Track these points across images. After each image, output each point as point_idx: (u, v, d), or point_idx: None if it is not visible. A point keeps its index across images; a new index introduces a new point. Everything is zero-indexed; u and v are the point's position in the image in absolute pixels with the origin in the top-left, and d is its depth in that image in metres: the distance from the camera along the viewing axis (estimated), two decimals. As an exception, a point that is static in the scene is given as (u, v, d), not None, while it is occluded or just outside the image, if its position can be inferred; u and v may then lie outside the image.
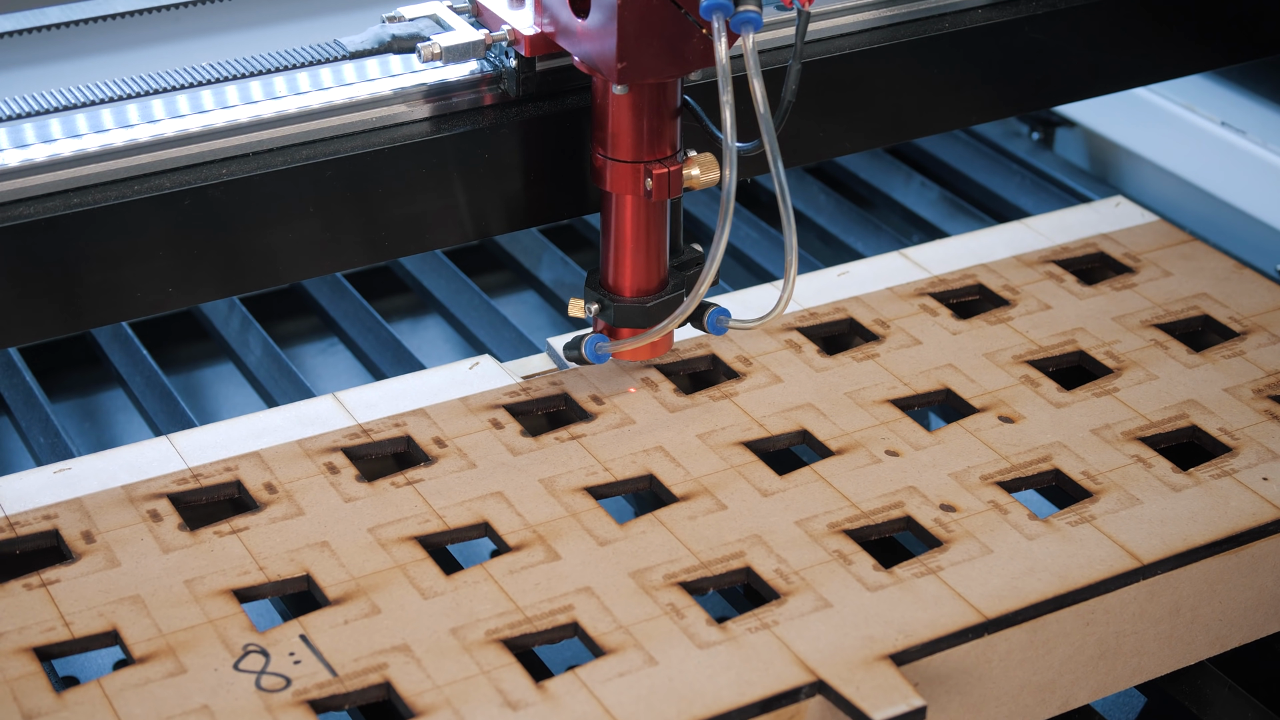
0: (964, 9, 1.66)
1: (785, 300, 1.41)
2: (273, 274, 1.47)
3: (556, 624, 1.31)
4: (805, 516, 1.41)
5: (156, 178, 1.40)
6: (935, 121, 1.70)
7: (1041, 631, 1.33)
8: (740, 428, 1.50)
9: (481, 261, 2.09)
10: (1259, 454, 1.48)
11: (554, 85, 1.51)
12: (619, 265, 1.50)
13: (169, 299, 1.43)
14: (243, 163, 1.42)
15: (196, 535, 1.38)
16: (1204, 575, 1.38)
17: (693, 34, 1.37)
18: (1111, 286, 1.69)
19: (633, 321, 1.51)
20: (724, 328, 1.51)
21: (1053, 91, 1.76)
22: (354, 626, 1.30)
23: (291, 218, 1.44)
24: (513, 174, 1.50)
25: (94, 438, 1.87)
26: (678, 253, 1.52)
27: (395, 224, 1.48)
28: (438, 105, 1.49)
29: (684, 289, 1.52)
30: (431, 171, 1.47)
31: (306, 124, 1.45)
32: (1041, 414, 1.52)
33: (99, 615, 1.31)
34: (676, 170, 1.44)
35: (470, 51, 1.47)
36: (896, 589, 1.34)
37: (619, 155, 1.45)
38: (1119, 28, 1.72)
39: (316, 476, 1.44)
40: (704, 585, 1.35)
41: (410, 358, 1.81)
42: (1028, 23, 1.66)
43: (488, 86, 1.50)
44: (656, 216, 1.48)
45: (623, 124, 1.43)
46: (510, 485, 1.44)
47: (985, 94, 1.70)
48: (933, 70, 1.65)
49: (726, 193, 1.36)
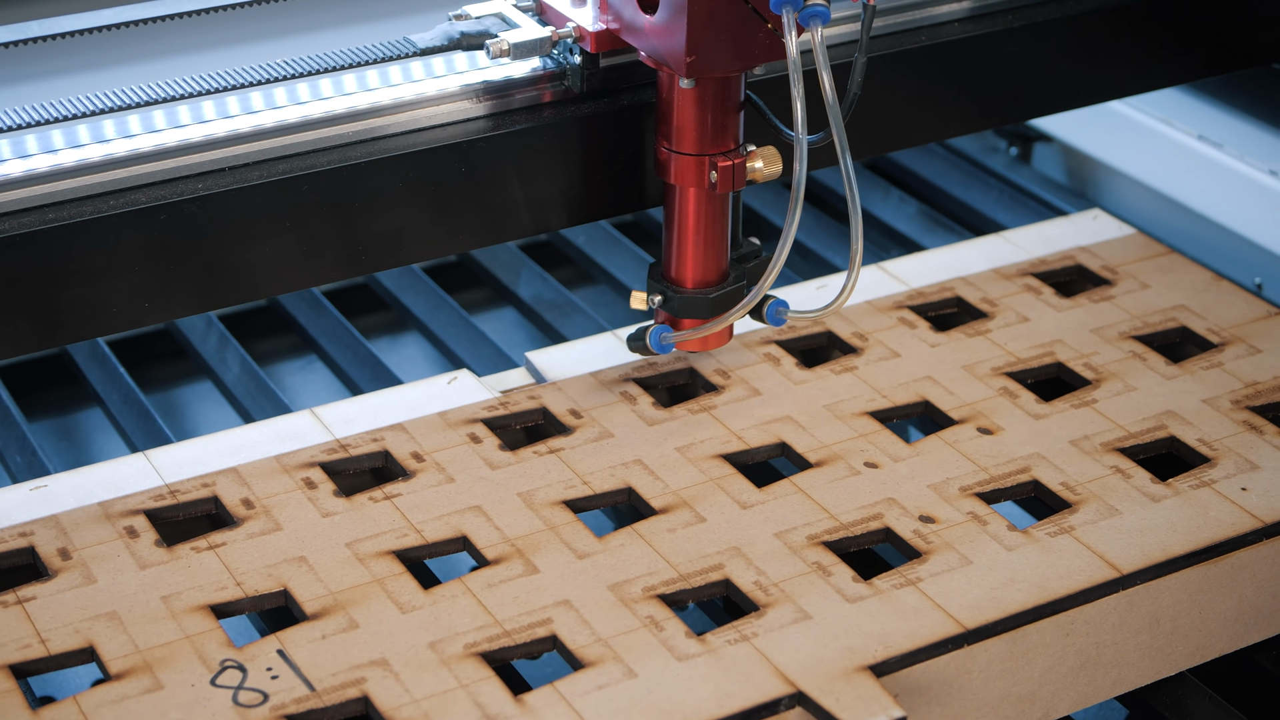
0: (940, 23, 1.66)
1: (849, 289, 1.43)
2: (260, 289, 1.48)
3: (535, 637, 1.30)
4: (784, 529, 1.40)
5: (132, 193, 1.40)
6: (912, 135, 1.71)
7: (1021, 642, 1.33)
8: (719, 441, 1.50)
9: (460, 278, 2.09)
10: (1237, 464, 1.48)
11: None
12: (682, 257, 1.52)
13: (146, 314, 1.43)
14: (229, 175, 1.43)
15: (173, 551, 1.38)
16: (1184, 586, 1.38)
17: (759, 28, 1.39)
18: (1090, 299, 1.69)
19: (695, 312, 1.52)
20: (783, 319, 1.52)
21: (1029, 105, 1.77)
22: (332, 641, 1.29)
23: (278, 232, 1.45)
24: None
25: (71, 456, 1.87)
26: (736, 246, 1.54)
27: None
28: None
29: (744, 281, 1.53)
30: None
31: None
32: (1020, 425, 1.52)
33: (75, 632, 1.30)
34: (741, 163, 1.46)
35: (537, 48, 1.50)
36: (876, 600, 1.34)
37: (684, 148, 1.47)
38: (1095, 41, 1.73)
39: (294, 492, 1.44)
40: (683, 598, 1.35)
41: (389, 374, 1.80)
42: (1004, 36, 1.67)
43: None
44: (719, 209, 1.50)
45: (688, 118, 1.45)
46: (489, 499, 1.43)
47: (962, 107, 1.70)
48: (909, 84, 1.65)
49: (797, 185, 1.39)
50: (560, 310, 1.92)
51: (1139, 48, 1.76)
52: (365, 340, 1.86)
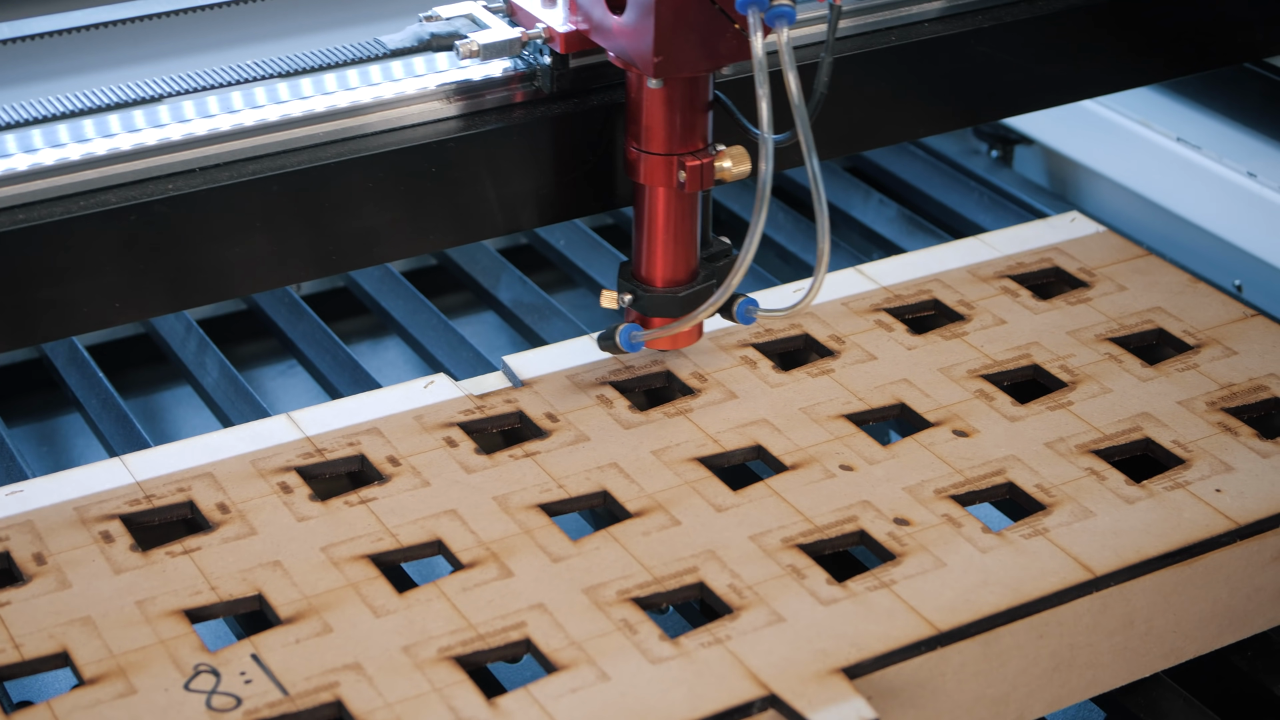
0: (911, 23, 1.68)
1: (817, 288, 1.45)
2: (230, 288, 1.48)
3: (509, 641, 1.30)
4: (759, 531, 1.40)
5: (102, 193, 1.40)
6: (883, 134, 1.72)
7: (995, 644, 1.33)
8: (695, 444, 1.50)
9: (440, 282, 2.09)
10: (1212, 466, 1.48)
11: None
12: (651, 256, 1.53)
13: (117, 314, 1.43)
14: (199, 175, 1.44)
15: (148, 556, 1.38)
16: (1157, 587, 1.39)
17: (726, 29, 1.41)
18: (1066, 301, 1.70)
19: (665, 311, 1.53)
20: (753, 318, 1.54)
21: (1000, 105, 1.78)
22: (305, 645, 1.29)
23: (249, 232, 1.45)
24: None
25: (51, 461, 1.87)
26: (707, 244, 1.55)
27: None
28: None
29: (714, 279, 1.54)
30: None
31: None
32: (996, 428, 1.52)
33: (49, 637, 1.30)
34: (709, 163, 1.48)
35: (507, 49, 1.51)
36: (849, 603, 1.34)
37: (653, 148, 1.48)
38: (1065, 41, 1.74)
39: (270, 496, 1.44)
40: (657, 601, 1.35)
41: (369, 379, 1.80)
42: (974, 36, 1.68)
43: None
44: (688, 208, 1.51)
45: (657, 118, 1.47)
46: (464, 503, 1.43)
47: (933, 107, 1.71)
48: (880, 84, 1.66)
49: (762, 184, 1.40)
50: (540, 314, 1.93)
51: (1109, 48, 1.78)
52: (345, 345, 1.86)
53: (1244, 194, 2.01)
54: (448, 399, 1.55)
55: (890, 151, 2.24)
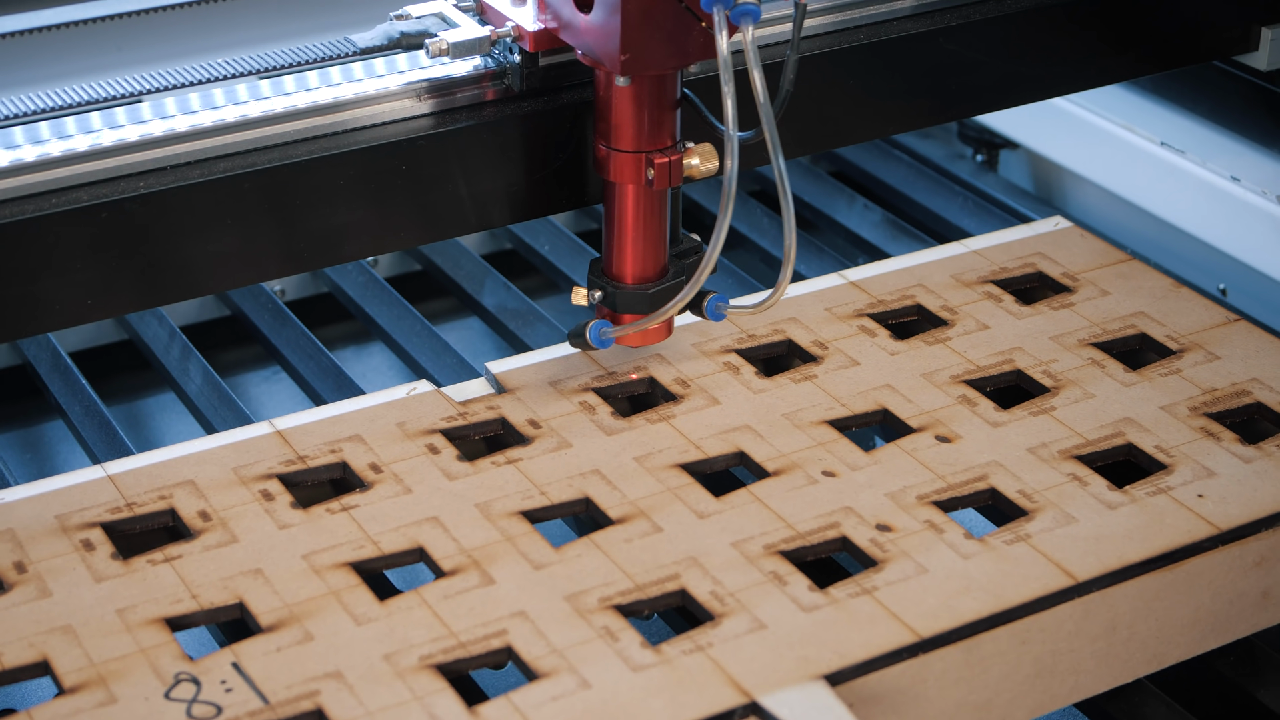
0: (880, 21, 1.69)
1: (783, 285, 1.46)
2: (201, 285, 1.49)
3: (490, 649, 1.30)
4: (741, 538, 1.40)
5: (74, 191, 1.41)
6: (854, 132, 1.74)
7: (977, 650, 1.33)
8: (677, 450, 1.50)
9: (424, 288, 2.09)
10: (1194, 471, 1.48)
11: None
12: (621, 253, 1.54)
13: (88, 311, 1.44)
14: (171, 173, 1.44)
15: (129, 564, 1.37)
16: (1140, 593, 1.38)
17: (693, 27, 1.42)
18: (1050, 306, 1.70)
19: (635, 308, 1.54)
20: (723, 314, 1.55)
21: (969, 103, 1.80)
22: (286, 654, 1.29)
23: (220, 229, 1.46)
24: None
25: (34, 469, 1.86)
26: (676, 241, 1.56)
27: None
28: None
29: (683, 276, 1.55)
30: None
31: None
32: (978, 433, 1.52)
33: (30, 646, 1.30)
34: (677, 160, 1.49)
35: (476, 48, 1.52)
36: (831, 609, 1.34)
37: (621, 146, 1.49)
38: (1033, 39, 1.75)
39: (251, 504, 1.44)
40: (639, 608, 1.35)
41: (353, 385, 1.80)
42: (942, 34, 1.70)
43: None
44: (658, 205, 1.52)
45: (625, 115, 1.48)
46: (446, 510, 1.43)
47: (903, 105, 1.73)
48: (851, 81, 1.68)
49: (728, 181, 1.42)
50: (524, 319, 1.92)
51: (1078, 46, 1.79)
52: (329, 351, 1.86)
53: (1228, 198, 2.01)
54: (430, 405, 1.55)
55: (874, 155, 2.25)
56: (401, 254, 2.11)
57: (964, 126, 2.28)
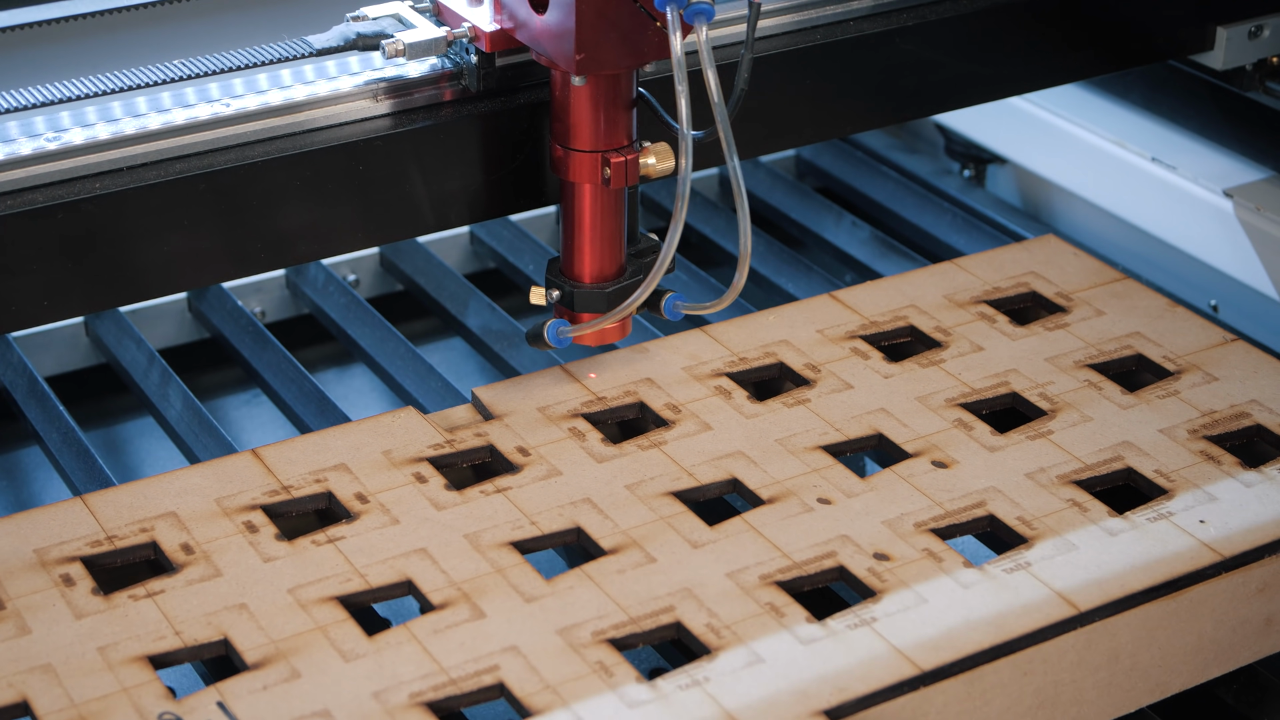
0: (837, 21, 1.69)
1: (739, 284, 1.48)
2: (158, 286, 1.49)
3: (482, 685, 1.27)
4: (736, 568, 1.38)
5: (29, 193, 1.41)
6: (811, 131, 1.74)
7: (979, 683, 1.30)
8: (669, 477, 1.47)
9: (407, 308, 2.06)
10: (1195, 496, 1.46)
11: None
12: (579, 252, 1.54)
13: (44, 313, 1.44)
14: (127, 174, 1.44)
15: (111, 600, 1.34)
16: (1142, 622, 1.36)
17: (648, 26, 1.43)
18: (1044, 326, 1.67)
19: (593, 307, 1.54)
20: (680, 313, 1.56)
21: (925, 102, 1.80)
22: (273, 692, 1.26)
23: (176, 230, 1.46)
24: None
25: (11, 497, 1.83)
26: (634, 241, 1.56)
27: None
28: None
29: (641, 276, 1.55)
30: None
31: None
32: (975, 458, 1.50)
33: (9, 686, 1.26)
34: (633, 159, 1.50)
35: (433, 48, 1.52)
36: (830, 642, 1.31)
37: (578, 145, 1.50)
38: (990, 39, 1.76)
39: (235, 536, 1.40)
40: (633, 642, 1.32)
41: (335, 409, 1.77)
42: (898, 34, 1.70)
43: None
44: (614, 205, 1.53)
45: (581, 115, 1.49)
46: (434, 541, 1.40)
47: (860, 105, 1.73)
48: (808, 81, 1.68)
49: (683, 180, 1.43)
50: (509, 341, 1.89)
51: (1033, 45, 1.80)
52: (310, 374, 1.83)
53: (1219, 214, 1.99)
54: (416, 433, 1.52)
55: (861, 171, 2.22)
56: (383, 274, 2.07)
57: (951, 142, 2.25)
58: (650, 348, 1.63)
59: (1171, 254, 2.05)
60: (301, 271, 2.01)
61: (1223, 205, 1.98)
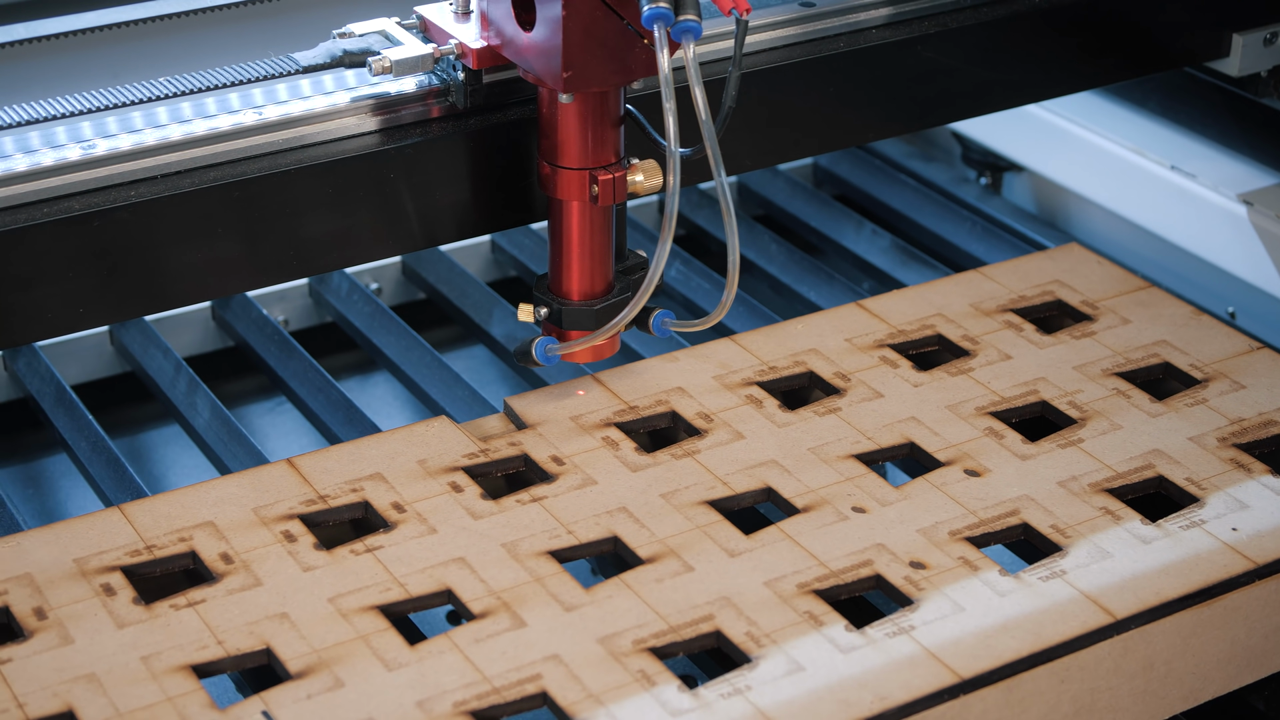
0: (858, 29, 1.71)
1: (727, 302, 1.47)
2: (186, 294, 1.51)
3: (525, 694, 1.28)
4: (774, 577, 1.38)
5: (65, 200, 1.42)
6: (831, 140, 1.75)
7: (1017, 690, 1.31)
8: (704, 486, 1.48)
9: (430, 317, 2.06)
10: (1227, 504, 1.47)
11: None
12: (567, 270, 1.54)
13: (82, 319, 1.45)
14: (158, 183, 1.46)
15: (152, 609, 1.34)
16: (1177, 629, 1.37)
17: (635, 44, 1.43)
18: (1071, 335, 1.68)
19: (581, 324, 1.55)
20: (668, 330, 1.56)
21: (948, 109, 1.81)
22: (317, 701, 1.27)
23: (208, 238, 1.47)
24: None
25: (38, 505, 1.83)
26: (622, 258, 1.57)
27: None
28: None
29: (629, 293, 1.56)
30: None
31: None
32: (1007, 467, 1.51)
33: (54, 695, 1.27)
34: (621, 176, 1.50)
35: (419, 65, 1.52)
36: (869, 650, 1.32)
37: (566, 163, 1.50)
38: (1009, 46, 1.77)
39: (273, 545, 1.41)
40: (673, 650, 1.33)
41: (361, 417, 1.77)
42: (920, 42, 1.71)
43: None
44: (602, 222, 1.53)
45: (569, 132, 1.48)
46: (472, 550, 1.41)
47: (880, 112, 1.74)
48: (828, 89, 1.69)
49: (671, 197, 1.42)
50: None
51: (1052, 52, 1.81)
52: (335, 381, 1.83)
53: (1238, 222, 2.00)
54: (450, 442, 1.53)
55: (879, 180, 2.23)
56: (406, 282, 2.08)
57: (968, 149, 2.26)
58: (680, 357, 1.64)
59: (1189, 261, 2.06)
60: (325, 280, 2.02)
61: (1241, 213, 1.99)
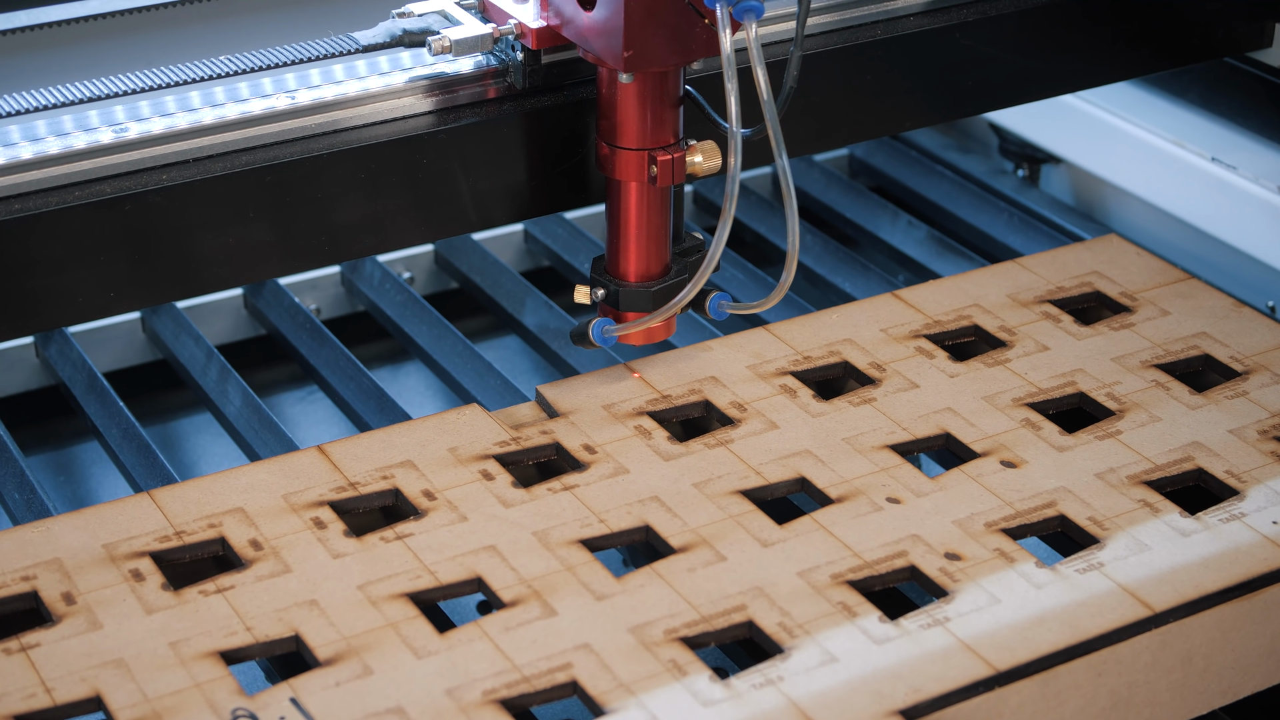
0: (896, 16, 1.69)
1: (786, 283, 1.46)
2: (218, 279, 1.50)
3: (555, 683, 1.27)
4: (807, 567, 1.37)
5: (97, 184, 1.41)
6: (868, 128, 1.74)
7: (1053, 683, 1.29)
8: (737, 476, 1.47)
9: (462, 306, 2.05)
10: (1267, 497, 1.45)
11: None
12: (624, 251, 1.54)
13: (112, 304, 1.45)
14: (194, 166, 1.45)
15: (181, 595, 1.34)
16: (1216, 623, 1.35)
17: (696, 23, 1.42)
18: (1109, 326, 1.66)
19: (638, 306, 1.54)
20: (725, 312, 1.55)
21: (985, 98, 1.79)
22: (346, 689, 1.26)
23: (242, 221, 1.46)
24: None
25: (69, 492, 1.83)
26: (679, 240, 1.56)
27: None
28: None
29: (686, 274, 1.55)
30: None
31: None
32: (1044, 458, 1.49)
33: (82, 680, 1.26)
34: (680, 157, 1.49)
35: (479, 45, 1.52)
36: (904, 641, 1.30)
37: (625, 143, 1.49)
38: (1048, 35, 1.75)
39: (303, 532, 1.40)
40: (705, 640, 1.31)
41: (393, 405, 1.77)
42: (958, 30, 1.69)
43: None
44: (660, 203, 1.52)
45: (628, 113, 1.48)
46: (503, 538, 1.40)
47: (918, 101, 1.73)
48: (865, 77, 1.67)
49: (732, 178, 1.41)
50: (566, 338, 1.89)
51: (1090, 42, 1.79)
52: (367, 370, 1.82)
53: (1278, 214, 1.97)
54: (482, 430, 1.51)
55: (915, 171, 2.21)
56: (438, 271, 2.07)
57: (1005, 141, 2.24)
58: (714, 346, 1.62)
59: (1229, 254, 2.04)
60: (357, 268, 2.01)
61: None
